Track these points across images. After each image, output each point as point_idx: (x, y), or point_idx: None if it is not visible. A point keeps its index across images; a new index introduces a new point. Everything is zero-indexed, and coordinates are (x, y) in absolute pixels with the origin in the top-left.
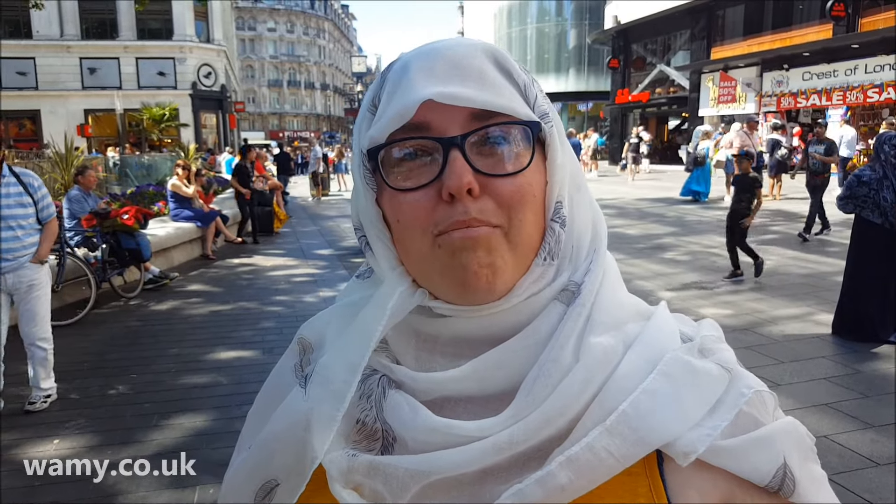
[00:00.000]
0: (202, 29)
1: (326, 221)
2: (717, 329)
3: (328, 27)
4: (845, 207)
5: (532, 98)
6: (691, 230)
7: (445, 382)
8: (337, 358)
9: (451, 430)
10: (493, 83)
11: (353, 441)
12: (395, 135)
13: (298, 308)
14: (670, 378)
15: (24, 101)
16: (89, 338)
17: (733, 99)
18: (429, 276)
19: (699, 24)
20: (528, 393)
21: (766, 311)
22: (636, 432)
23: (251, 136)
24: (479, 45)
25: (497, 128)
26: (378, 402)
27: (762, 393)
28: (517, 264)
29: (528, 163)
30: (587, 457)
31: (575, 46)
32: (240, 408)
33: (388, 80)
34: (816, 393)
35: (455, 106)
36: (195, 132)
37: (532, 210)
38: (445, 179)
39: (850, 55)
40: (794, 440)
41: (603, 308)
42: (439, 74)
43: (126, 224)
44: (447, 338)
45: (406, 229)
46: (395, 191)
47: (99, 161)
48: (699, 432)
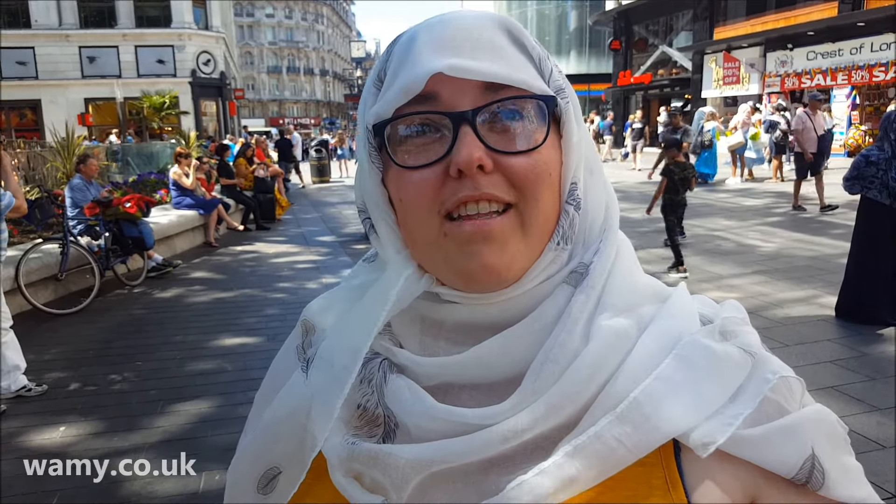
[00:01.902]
0: (200, 16)
1: (328, 208)
2: (741, 311)
3: (326, 12)
4: (852, 188)
5: (547, 72)
6: (695, 213)
7: (449, 367)
8: (339, 342)
9: (453, 417)
10: (506, 55)
11: (354, 427)
12: (401, 109)
13: (301, 294)
14: (687, 363)
15: (25, 91)
16: (94, 326)
17: (737, 80)
18: (435, 264)
19: (701, 4)
20: (534, 379)
21: (771, 294)
22: (649, 421)
23: (251, 123)
24: (490, 15)
25: (510, 101)
26: (379, 387)
27: (788, 379)
28: (530, 250)
29: (544, 139)
30: (596, 446)
31: (576, 28)
32: (244, 394)
33: (395, 53)
34: (822, 376)
35: (466, 79)
36: (195, 120)
37: (548, 189)
38: (454, 155)
39: (856, 34)
40: (824, 429)
41: (615, 290)
42: (449, 46)
43: (129, 212)
44: (453, 324)
45: (411, 209)
46: (401, 169)
47: (100, 150)
48: (719, 421)
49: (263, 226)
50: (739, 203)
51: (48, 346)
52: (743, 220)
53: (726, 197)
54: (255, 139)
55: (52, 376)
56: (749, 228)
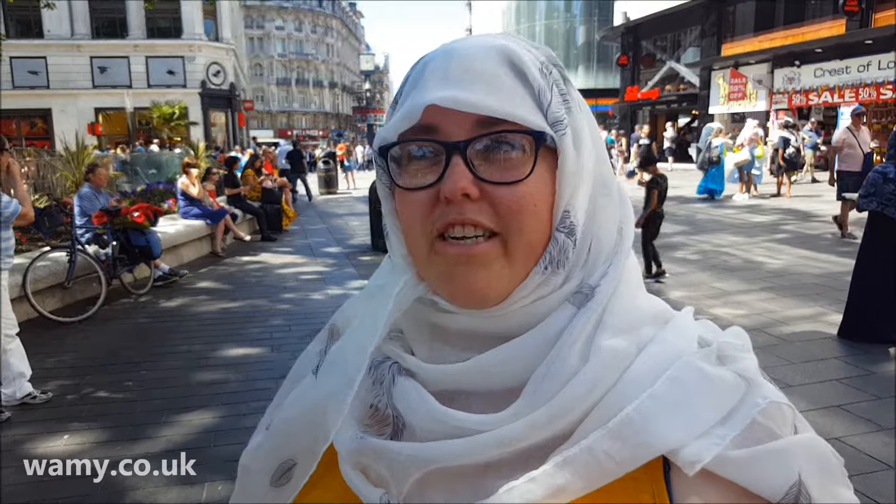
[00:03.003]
0: (211, 27)
1: (335, 219)
2: (743, 338)
3: (336, 25)
4: (868, 205)
5: (545, 104)
6: (701, 229)
7: (452, 374)
8: (348, 343)
9: (452, 420)
10: (501, 88)
11: (365, 425)
12: (405, 135)
13: (307, 305)
14: (680, 384)
15: (36, 100)
16: (99, 334)
17: (744, 96)
18: (428, 277)
19: (709, 21)
20: (533, 391)
21: (777, 312)
22: (638, 436)
23: (260, 134)
24: (495, 45)
25: (501, 135)
26: (388, 388)
27: (780, 405)
28: (513, 274)
29: (529, 173)
30: (585, 458)
31: (584, 43)
32: (248, 404)
33: (410, 77)
34: (828, 394)
35: (465, 111)
36: (205, 130)
37: (533, 219)
38: (443, 183)
39: (864, 51)
40: (814, 456)
41: (617, 311)
42: (449, 77)
43: (136, 221)
44: (457, 331)
45: (408, 227)
46: (400, 189)
47: (109, 159)
48: (707, 441)
49: (270, 236)
50: (746, 219)
51: (54, 353)
52: (750, 237)
53: (733, 213)
54: (264, 150)
55: (56, 384)
56: (756, 245)
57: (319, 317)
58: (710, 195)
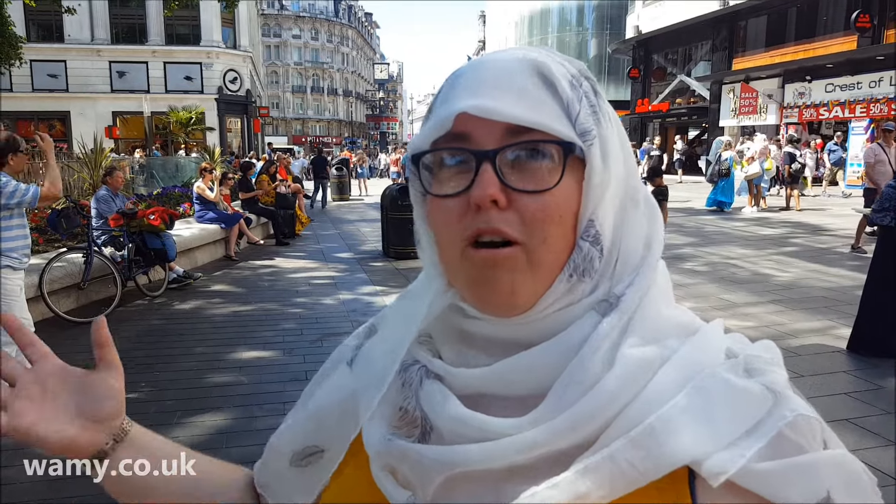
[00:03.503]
0: (229, 35)
1: (347, 225)
2: (773, 351)
3: (352, 35)
4: (882, 220)
5: (574, 114)
6: (710, 241)
7: (477, 379)
8: (381, 344)
9: (476, 423)
10: (531, 98)
11: (394, 427)
12: (437, 143)
13: (318, 310)
14: (704, 394)
15: (55, 103)
16: (114, 335)
17: (754, 110)
18: (458, 283)
19: (720, 35)
20: (557, 398)
21: (786, 324)
22: (661, 447)
23: (275, 140)
24: (526, 58)
25: (530, 144)
26: (416, 391)
27: (809, 418)
28: (538, 282)
29: (557, 182)
30: (608, 466)
31: (595, 56)
32: (260, 407)
33: (442, 90)
34: (837, 408)
35: (494, 120)
36: (220, 136)
37: (558, 228)
38: (472, 190)
39: (875, 67)
40: (844, 474)
41: (642, 320)
42: (481, 87)
43: (152, 224)
44: (483, 337)
45: (440, 233)
46: (432, 196)
47: (127, 162)
48: (732, 452)
49: (283, 241)
50: (755, 232)
51: (68, 353)
52: (759, 249)
53: (742, 225)
54: (278, 156)
55: None
56: (765, 258)
57: (331, 321)
58: (719, 207)
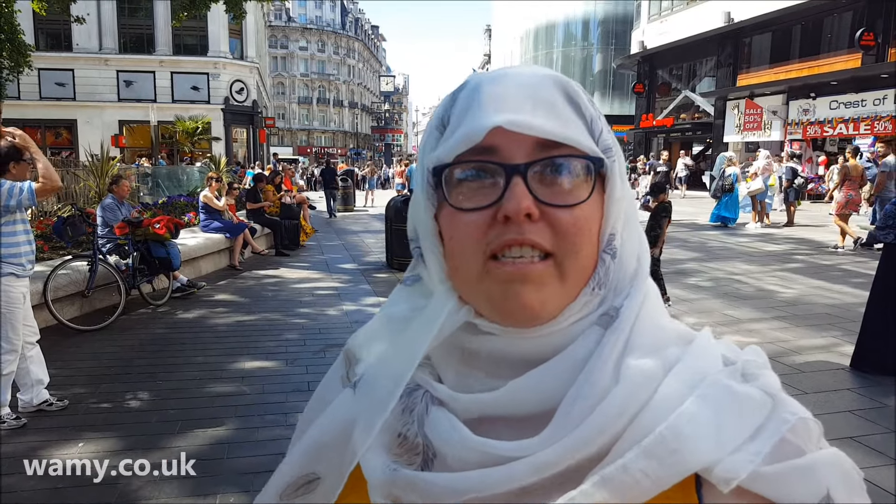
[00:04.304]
0: (236, 46)
1: (351, 236)
2: (762, 355)
3: (358, 47)
4: (886, 237)
5: (597, 132)
6: (715, 256)
7: (484, 402)
8: (384, 369)
9: (487, 448)
10: (561, 114)
11: (394, 454)
12: (461, 156)
13: (321, 321)
14: (710, 401)
15: (62, 111)
16: (117, 343)
17: (758, 126)
18: (476, 298)
19: (725, 51)
20: (566, 415)
21: (790, 341)
22: (673, 455)
23: (280, 150)
24: (550, 75)
25: (561, 159)
26: (420, 418)
27: (807, 420)
28: (566, 294)
29: (588, 196)
30: (622, 477)
31: (600, 71)
32: (262, 417)
33: (459, 99)
34: (841, 426)
35: (522, 133)
36: (226, 146)
37: (587, 241)
38: (505, 202)
39: (879, 85)
40: (840, 473)
41: (643, 332)
42: (510, 101)
43: (157, 233)
44: (488, 355)
45: (459, 247)
46: (454, 210)
47: (133, 171)
48: (740, 457)
49: (282, 251)
50: (759, 248)
51: (71, 361)
52: (763, 265)
53: (746, 241)
54: (283, 167)
55: (73, 392)
56: (769, 274)
57: (334, 332)
58: (723, 223)
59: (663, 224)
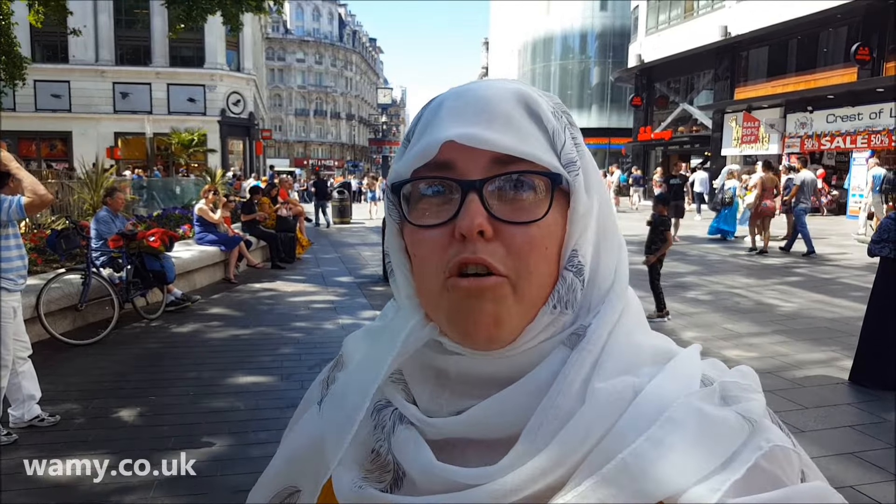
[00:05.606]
0: (233, 58)
1: (347, 249)
2: (750, 377)
3: (356, 59)
4: (881, 251)
5: (559, 145)
6: (714, 270)
7: (450, 426)
8: (351, 382)
9: (448, 475)
10: (518, 128)
11: (366, 470)
12: (419, 171)
13: (317, 335)
14: (678, 426)
15: (57, 123)
16: (110, 358)
17: (756, 139)
18: (437, 316)
19: (723, 65)
20: (530, 440)
21: (790, 355)
22: (635, 483)
23: (277, 162)
24: (511, 88)
25: (517, 175)
26: (388, 436)
27: (786, 449)
28: (523, 314)
29: (545, 214)
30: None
31: (598, 84)
32: (255, 434)
33: (423, 116)
34: (841, 441)
35: (478, 148)
36: (222, 158)
37: (543, 260)
38: (458, 220)
39: (875, 99)
40: None
41: (614, 350)
42: (467, 116)
43: (152, 246)
44: (457, 374)
45: (421, 264)
46: (413, 226)
47: (128, 183)
48: (707, 487)
49: (278, 265)
50: (758, 261)
51: (63, 376)
52: (762, 279)
53: (745, 254)
54: (279, 179)
55: (65, 407)
56: (768, 287)
57: (330, 346)
58: (722, 236)
59: (666, 237)
